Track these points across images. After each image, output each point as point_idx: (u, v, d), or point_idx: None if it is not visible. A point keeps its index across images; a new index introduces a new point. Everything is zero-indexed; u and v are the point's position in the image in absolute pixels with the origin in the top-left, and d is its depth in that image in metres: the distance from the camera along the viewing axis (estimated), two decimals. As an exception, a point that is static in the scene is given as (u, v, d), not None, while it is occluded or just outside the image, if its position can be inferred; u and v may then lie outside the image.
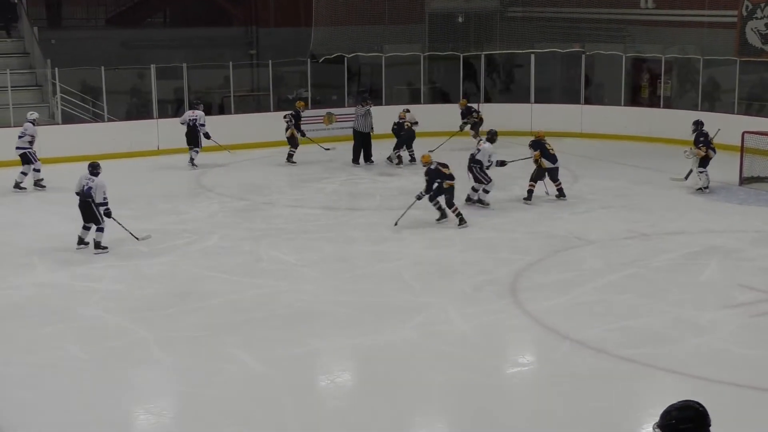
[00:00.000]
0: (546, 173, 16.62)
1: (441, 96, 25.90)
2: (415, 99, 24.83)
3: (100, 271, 12.67)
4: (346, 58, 23.82)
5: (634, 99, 24.58)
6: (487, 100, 24.38)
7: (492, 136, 16.58)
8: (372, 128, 20.45)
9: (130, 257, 13.32)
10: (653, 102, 23.94)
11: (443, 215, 15.08)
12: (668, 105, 23.50)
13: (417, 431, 8.37)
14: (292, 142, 20.28)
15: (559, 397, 8.77)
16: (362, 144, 20.41)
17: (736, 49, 22.89)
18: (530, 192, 16.57)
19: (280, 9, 28.53)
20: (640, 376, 9.19)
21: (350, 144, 20.85)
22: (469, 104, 22.29)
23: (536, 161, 16.63)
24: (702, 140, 17.05)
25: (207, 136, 19.96)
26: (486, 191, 16.22)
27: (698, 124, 17.39)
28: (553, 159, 16.60)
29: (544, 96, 24.47)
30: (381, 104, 23.58)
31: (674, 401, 4.86)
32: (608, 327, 10.44)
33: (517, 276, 12.27)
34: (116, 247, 13.79)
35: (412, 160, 20.07)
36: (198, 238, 14.25)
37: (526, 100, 24.10)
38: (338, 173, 19.54)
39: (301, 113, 20.57)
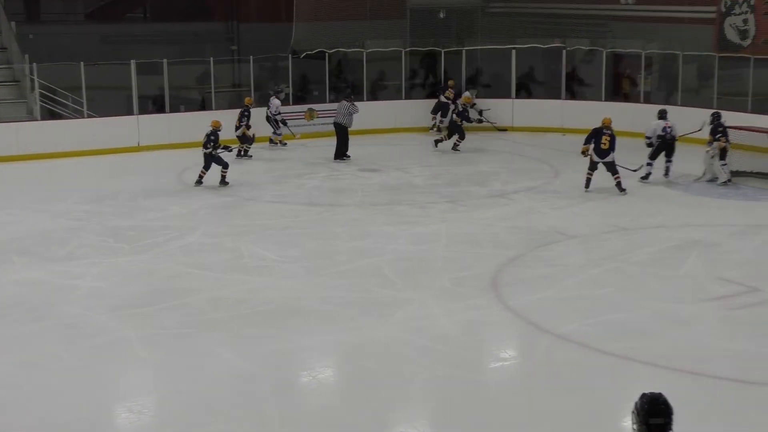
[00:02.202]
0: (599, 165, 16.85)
1: (421, 91, 25.90)
2: (396, 94, 24.84)
3: (81, 268, 12.62)
4: (327, 54, 23.78)
5: (615, 94, 24.65)
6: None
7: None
8: (350, 124, 20.53)
9: (112, 254, 13.27)
10: (634, 97, 24.03)
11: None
12: (648, 100, 23.59)
13: (399, 427, 8.38)
14: (245, 139, 20.31)
15: (540, 391, 8.81)
16: (342, 139, 20.43)
17: (714, 44, 23.02)
18: (588, 180, 16.95)
19: (260, 4, 28.49)
20: (621, 370, 9.25)
21: (331, 139, 20.90)
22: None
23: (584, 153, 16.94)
24: (721, 131, 17.20)
25: (283, 122, 21.62)
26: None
27: (716, 117, 17.55)
28: (602, 154, 16.71)
29: (525, 91, 24.53)
30: (363, 99, 23.57)
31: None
32: (589, 321, 10.49)
33: (498, 271, 12.31)
34: (97, 244, 13.75)
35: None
36: (180, 235, 14.21)
37: (507, 96, 24.14)
38: (320, 169, 19.53)
39: (250, 109, 20.56)
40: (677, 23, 24.11)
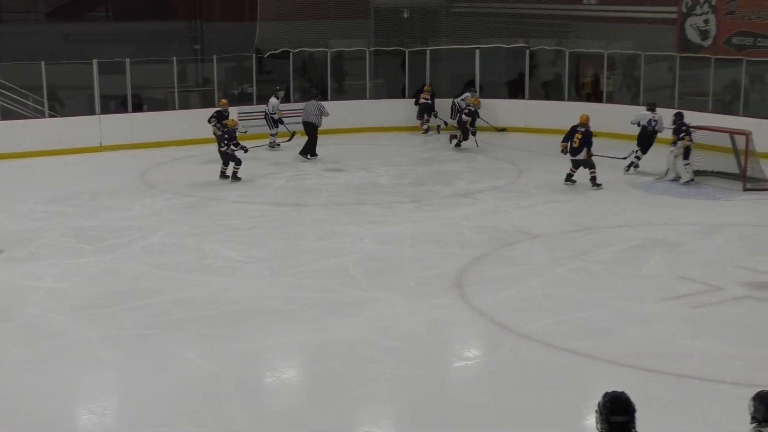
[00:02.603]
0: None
1: (386, 91, 25.89)
2: (361, 94, 24.82)
3: (43, 269, 12.48)
4: (291, 53, 23.72)
5: (577, 94, 24.81)
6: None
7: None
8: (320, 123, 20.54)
9: (74, 255, 13.15)
10: (596, 97, 24.19)
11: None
12: (610, 100, 23.77)
13: (364, 427, 8.37)
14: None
15: (505, 390, 8.84)
16: (312, 137, 20.44)
17: (676, 45, 23.24)
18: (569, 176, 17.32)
19: (224, 3, 28.34)
20: (584, 369, 9.31)
21: (295, 139, 20.87)
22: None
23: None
24: (684, 130, 17.40)
25: (280, 121, 21.62)
26: None
27: (679, 117, 17.77)
28: (573, 152, 17.05)
29: (490, 91, 24.60)
30: (327, 99, 23.52)
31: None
32: (553, 320, 10.54)
33: (463, 270, 12.34)
34: (60, 245, 13.62)
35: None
36: (142, 235, 14.11)
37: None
38: (285, 169, 19.47)
39: (225, 112, 20.23)
40: (639, 23, 24.31)
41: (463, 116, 21.58)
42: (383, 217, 15.33)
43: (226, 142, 17.88)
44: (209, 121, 19.92)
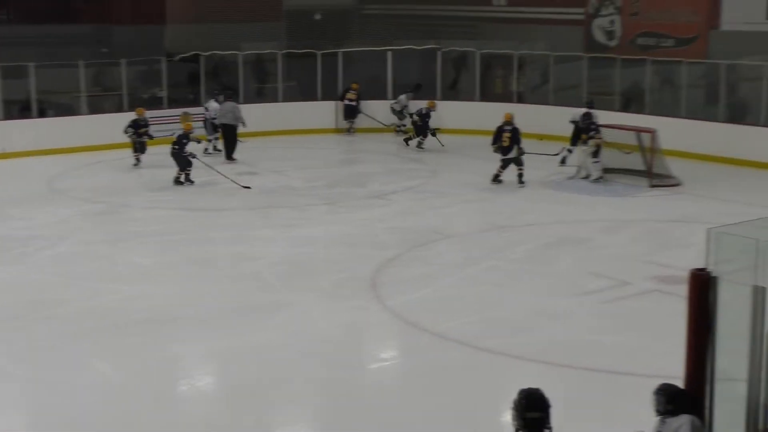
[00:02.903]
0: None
1: (300, 93, 25.79)
2: (272, 97, 24.67)
3: (-55, 280, 12.11)
4: (202, 57, 23.45)
5: (488, 94, 25.05)
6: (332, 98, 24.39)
7: None
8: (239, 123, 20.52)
9: (-22, 265, 12.78)
10: (506, 97, 24.46)
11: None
12: (521, 100, 24.07)
13: (282, 430, 8.30)
14: (141, 148, 19.77)
15: (421, 390, 8.86)
16: (231, 139, 20.31)
17: (583, 45, 23.66)
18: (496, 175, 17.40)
19: (132, 6, 27.86)
20: (500, 366, 9.39)
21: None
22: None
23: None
24: (594, 128, 17.71)
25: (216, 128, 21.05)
26: None
27: (587, 117, 18.07)
28: (504, 150, 17.24)
29: (402, 92, 24.65)
30: (239, 102, 23.33)
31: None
32: (467, 319, 10.62)
33: (377, 272, 12.34)
34: (-38, 255, 13.23)
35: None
36: (49, 244, 13.77)
37: (384, 97, 24.25)
38: (198, 173, 19.20)
39: (140, 120, 19.86)
40: (548, 25, 24.69)
41: (415, 116, 21.57)
42: (297, 220, 15.25)
43: (178, 147, 17.53)
44: (125, 132, 19.52)
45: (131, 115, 20.20)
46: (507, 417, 5.45)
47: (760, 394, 5.17)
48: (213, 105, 21.27)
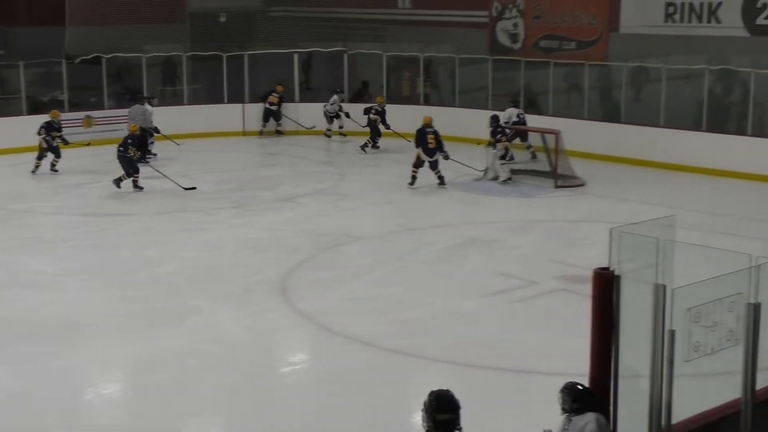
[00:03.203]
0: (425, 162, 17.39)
1: (206, 96, 25.52)
2: (178, 100, 24.38)
3: None
4: (104, 59, 23.01)
5: (395, 97, 25.18)
6: (254, 100, 24.23)
7: None
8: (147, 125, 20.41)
9: None
10: (413, 99, 24.64)
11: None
12: (427, 102, 24.27)
13: (191, 438, 8.23)
14: (55, 152, 19.24)
15: (332, 393, 8.86)
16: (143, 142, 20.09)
17: (488, 47, 23.96)
18: (413, 178, 17.33)
19: (30, 7, 27.16)
20: (409, 367, 9.45)
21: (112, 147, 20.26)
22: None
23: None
24: (500, 131, 17.91)
25: (155, 130, 20.80)
26: None
27: (495, 120, 18.29)
28: (429, 153, 17.25)
29: (310, 94, 24.65)
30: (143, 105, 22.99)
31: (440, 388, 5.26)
32: (378, 321, 10.66)
33: (287, 275, 12.30)
34: None
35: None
36: (-52, 252, 13.37)
37: (291, 100, 24.18)
38: (102, 177, 18.84)
39: (54, 122, 19.36)
40: (454, 27, 24.93)
41: (371, 116, 21.44)
42: (205, 224, 15.10)
43: (123, 149, 17.17)
44: (39, 133, 18.99)
45: (31, 119, 19.73)
46: (417, 419, 5.49)
47: (662, 391, 5.30)
48: (147, 108, 21.04)
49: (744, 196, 16.91)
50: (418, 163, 17.37)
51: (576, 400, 5.69)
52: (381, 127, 21.44)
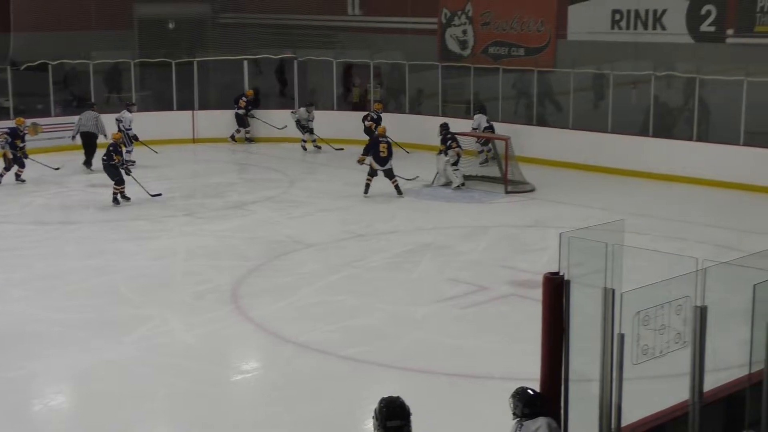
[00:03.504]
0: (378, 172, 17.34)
1: (155, 103, 25.32)
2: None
3: None
4: (50, 66, 22.73)
5: (346, 103, 25.21)
6: (203, 107, 24.09)
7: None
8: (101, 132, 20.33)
9: None
10: (364, 106, 24.65)
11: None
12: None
13: (141, 448, 8.14)
14: (19, 162, 18.82)
15: (284, 400, 8.82)
16: (91, 148, 20.10)
17: (437, 54, 24.07)
18: (367, 186, 17.31)
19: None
20: (361, 374, 9.44)
21: (60, 155, 20.06)
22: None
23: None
24: (450, 138, 18.00)
25: (134, 137, 20.62)
26: None
27: (445, 127, 18.36)
28: (381, 161, 17.20)
29: (261, 101, 24.56)
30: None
31: (391, 395, 5.27)
32: (329, 328, 10.64)
33: (238, 283, 12.24)
34: None
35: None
36: None
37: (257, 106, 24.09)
38: (48, 186, 18.61)
39: (20, 130, 18.99)
40: (403, 34, 25.02)
41: (366, 122, 21.19)
42: (155, 233, 14.97)
43: (107, 158, 16.70)
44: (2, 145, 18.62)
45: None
46: (369, 426, 5.48)
47: (612, 394, 5.36)
48: (126, 115, 20.76)
49: (690, 200, 17.16)
50: (372, 172, 17.35)
51: (527, 404, 5.73)
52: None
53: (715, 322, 5.38)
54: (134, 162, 19.98)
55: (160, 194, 17.05)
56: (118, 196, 16.72)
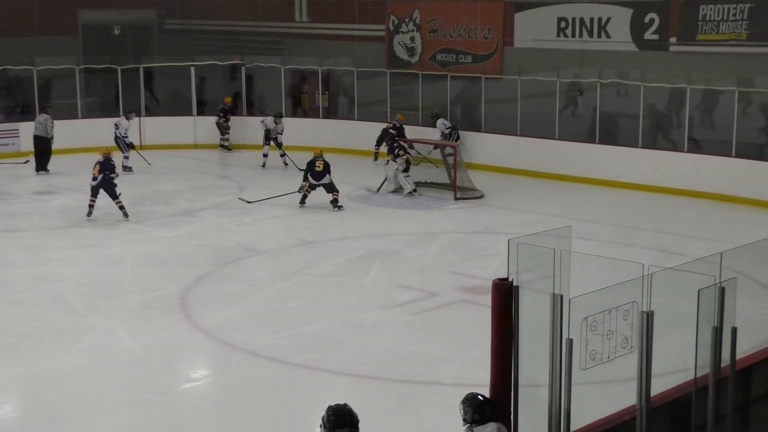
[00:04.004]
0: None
1: (99, 110, 25.03)
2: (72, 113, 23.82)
3: None
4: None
5: (295, 110, 25.16)
6: (149, 113, 23.89)
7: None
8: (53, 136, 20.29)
9: None
10: (313, 113, 24.65)
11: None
12: (327, 115, 24.31)
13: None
14: None
15: (233, 409, 8.77)
16: (43, 151, 20.00)
17: (386, 61, 24.13)
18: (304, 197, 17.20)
19: None
20: (311, 381, 9.42)
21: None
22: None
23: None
24: (397, 146, 18.05)
25: (131, 145, 20.71)
26: None
27: (389, 135, 18.39)
28: (317, 176, 17.01)
29: (208, 108, 24.41)
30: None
31: (341, 401, 5.24)
32: (280, 335, 10.61)
33: (187, 290, 12.15)
34: None
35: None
36: None
37: (189, 113, 23.92)
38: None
39: None
40: (351, 41, 25.04)
41: (388, 133, 20.55)
42: (101, 240, 14.81)
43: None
44: None
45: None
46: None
47: (561, 399, 5.40)
48: (124, 123, 20.74)
49: (636, 206, 17.39)
50: (310, 186, 17.18)
51: (477, 410, 5.76)
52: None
53: (661, 327, 5.46)
54: (131, 168, 20.30)
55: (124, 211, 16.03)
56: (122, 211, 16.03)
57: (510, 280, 5.63)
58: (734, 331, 5.74)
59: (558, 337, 5.33)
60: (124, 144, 20.65)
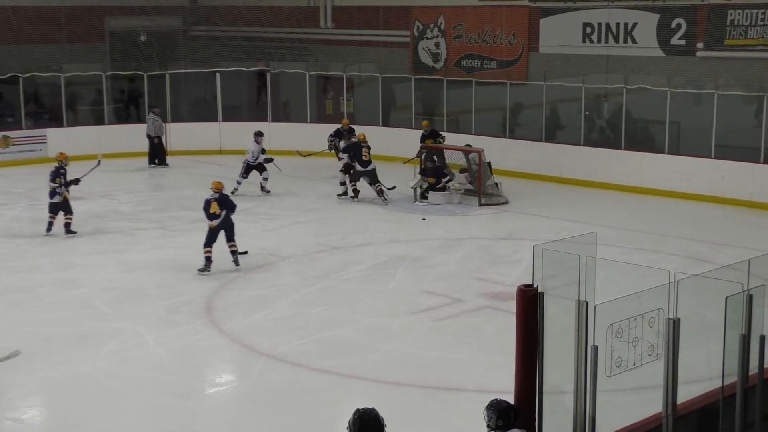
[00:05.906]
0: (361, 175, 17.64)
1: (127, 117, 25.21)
2: (99, 120, 24.01)
3: None
4: (21, 79, 22.59)
5: (320, 116, 25.21)
6: (176, 119, 24.01)
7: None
8: None
9: None
10: (337, 118, 24.65)
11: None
12: (352, 121, 24.31)
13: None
14: None
15: (258, 414, 8.80)
16: (155, 149, 20.83)
17: (410, 67, 24.16)
18: (356, 191, 17.72)
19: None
20: (336, 386, 9.43)
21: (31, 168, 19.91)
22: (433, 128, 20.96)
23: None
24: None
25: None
26: None
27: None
28: (365, 164, 17.45)
29: (233, 114, 24.52)
30: (63, 125, 22.71)
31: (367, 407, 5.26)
32: (305, 340, 10.63)
33: (212, 295, 12.20)
34: None
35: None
36: None
37: (214, 119, 24.03)
38: (19, 198, 18.48)
39: None
40: (376, 47, 25.09)
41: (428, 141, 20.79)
42: (127, 245, 14.89)
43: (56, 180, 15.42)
44: None
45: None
46: (345, 438, 5.48)
47: (586, 406, 5.38)
48: (252, 146, 19.11)
49: (662, 212, 17.28)
50: (354, 177, 17.52)
51: (501, 417, 5.75)
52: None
53: (688, 335, 5.42)
54: (168, 164, 21.14)
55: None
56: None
57: (535, 286, 5.61)
58: (762, 339, 5.69)
59: (583, 343, 5.31)
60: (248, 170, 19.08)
